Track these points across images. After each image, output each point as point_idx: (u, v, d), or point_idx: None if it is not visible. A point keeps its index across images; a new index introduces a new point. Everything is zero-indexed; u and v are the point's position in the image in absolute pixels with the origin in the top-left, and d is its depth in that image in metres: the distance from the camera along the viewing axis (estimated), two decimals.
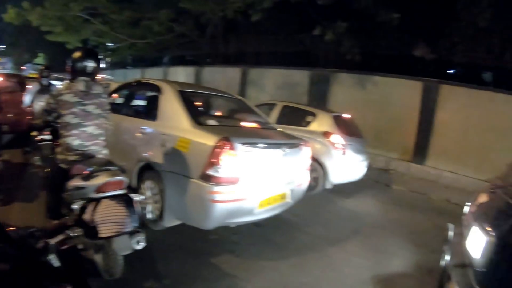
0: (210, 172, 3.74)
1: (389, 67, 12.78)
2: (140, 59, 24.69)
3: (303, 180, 5.11)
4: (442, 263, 3.59)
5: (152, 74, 21.05)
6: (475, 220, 3.32)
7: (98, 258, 3.14)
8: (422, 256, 5.09)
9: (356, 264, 4.54)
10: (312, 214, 6.11)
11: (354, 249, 4.99)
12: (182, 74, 18.56)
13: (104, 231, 2.83)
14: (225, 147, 3.76)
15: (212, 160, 3.74)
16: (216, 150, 3.74)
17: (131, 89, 6.13)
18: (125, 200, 3.03)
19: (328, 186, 7.30)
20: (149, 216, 4.44)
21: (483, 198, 3.81)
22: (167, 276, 3.54)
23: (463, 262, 3.30)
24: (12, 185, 5.70)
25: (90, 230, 2.86)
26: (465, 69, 14.40)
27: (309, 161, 5.28)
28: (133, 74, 24.68)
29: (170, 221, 4.34)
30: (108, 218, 2.88)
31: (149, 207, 4.44)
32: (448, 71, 16.45)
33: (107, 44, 20.59)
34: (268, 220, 4.87)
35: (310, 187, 7.06)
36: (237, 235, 4.71)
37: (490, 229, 2.93)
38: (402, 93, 11.02)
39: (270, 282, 3.75)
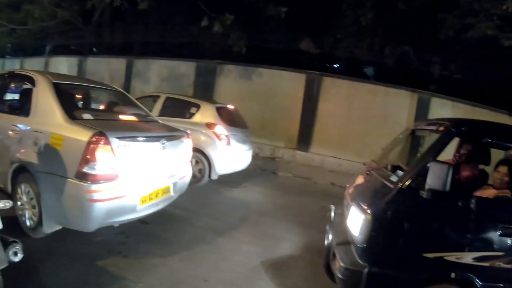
0: (86, 169, 3.46)
1: (275, 60, 13.24)
2: (20, 48, 22.40)
3: (185, 173, 5.02)
4: (326, 242, 3.74)
5: (33, 65, 19.22)
6: (353, 200, 3.51)
7: None
8: (310, 238, 5.34)
9: (246, 251, 4.62)
10: (199, 206, 6.08)
11: (243, 237, 5.08)
12: (65, 64, 17.23)
13: None
14: (100, 142, 3.51)
15: (87, 156, 3.46)
16: (90, 146, 3.47)
17: (3, 81, 5.45)
18: None
19: (214, 177, 7.32)
20: (27, 223, 4.03)
21: (360, 179, 4.04)
22: (53, 286, 3.27)
23: (346, 240, 3.48)
24: None
25: None
26: (348, 64, 15.39)
27: (191, 153, 5.22)
28: (12, 65, 22.49)
29: (50, 227, 3.94)
30: None
31: (27, 214, 4.02)
32: (332, 65, 17.52)
33: None
34: (155, 216, 4.73)
35: (196, 179, 7.10)
36: (123, 235, 4.50)
37: (367, 207, 3.11)
38: (287, 85, 11.52)
39: (161, 280, 3.65)
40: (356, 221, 3.20)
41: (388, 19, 11.85)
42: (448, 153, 4.12)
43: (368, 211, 3.07)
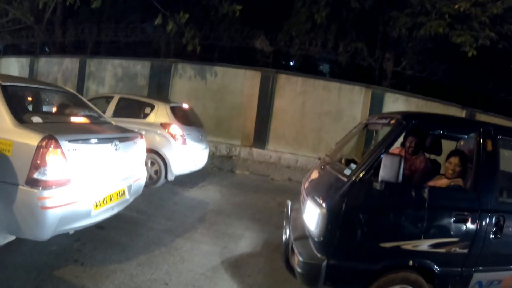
0: (36, 175, 3.32)
1: (230, 58, 13.26)
2: None
3: (140, 175, 4.94)
4: (284, 237, 3.79)
5: None
6: (309, 194, 3.57)
7: None
8: (269, 234, 5.41)
9: (206, 251, 4.62)
10: (156, 208, 6.01)
11: (202, 237, 5.07)
12: (16, 65, 16.46)
13: None
14: (50, 146, 3.37)
15: (37, 161, 3.32)
16: (40, 150, 3.33)
17: None
18: None
19: (171, 177, 7.23)
20: None
21: (315, 174, 4.11)
22: None
23: (303, 234, 3.54)
24: None
25: None
26: (303, 61, 15.63)
27: (145, 154, 5.16)
28: None
29: (3, 238, 3.68)
30: None
31: None
32: (287, 63, 17.74)
33: None
34: (111, 221, 4.60)
35: (152, 181, 7.01)
36: (79, 242, 4.37)
37: (322, 201, 3.17)
38: (242, 83, 11.58)
39: (120, 286, 3.59)
40: (312, 215, 3.25)
41: (342, 17, 12.12)
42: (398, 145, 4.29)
43: (323, 204, 3.13)
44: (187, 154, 7.38)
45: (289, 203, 4.11)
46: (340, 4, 11.47)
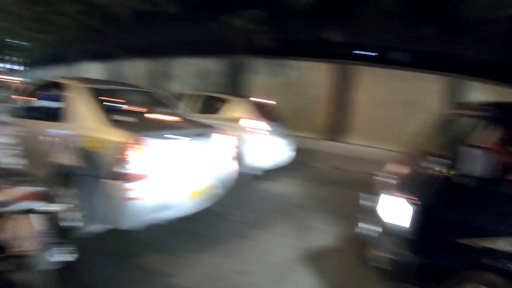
0: (124, 169, 3.59)
1: (304, 51, 13.09)
2: (54, 57, 23.23)
3: (230, 169, 5.07)
4: (362, 232, 3.72)
5: (63, 72, 19.95)
6: (390, 189, 3.46)
7: (21, 277, 2.86)
8: (347, 228, 5.31)
9: (284, 244, 4.65)
10: (237, 201, 6.06)
11: (280, 229, 5.10)
12: (95, 69, 17.78)
13: (19, 249, 2.61)
14: (137, 143, 3.62)
15: (126, 157, 3.58)
16: (129, 146, 3.59)
17: (40, 90, 5.62)
18: (42, 213, 2.80)
19: (252, 171, 7.30)
20: (71, 224, 4.19)
21: (399, 168, 3.96)
22: (97, 284, 3.38)
23: (383, 230, 3.45)
24: None
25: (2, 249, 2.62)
26: (378, 51, 15.02)
27: (235, 150, 5.27)
28: (44, 73, 23.25)
29: (93, 227, 4.06)
30: (22, 234, 2.65)
31: (71, 216, 4.19)
32: (361, 54, 17.18)
33: (15, 42, 19.10)
34: (195, 212, 4.79)
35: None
36: (164, 231, 4.58)
37: (404, 196, 3.06)
38: (318, 76, 11.43)
39: (201, 275, 3.71)
40: (394, 210, 3.16)
41: (416, 3, 11.50)
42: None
43: (406, 199, 3.03)
44: (267, 149, 7.44)
45: (368, 197, 4.02)
46: None
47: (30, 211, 2.84)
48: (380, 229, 3.51)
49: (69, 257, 2.76)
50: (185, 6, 13.01)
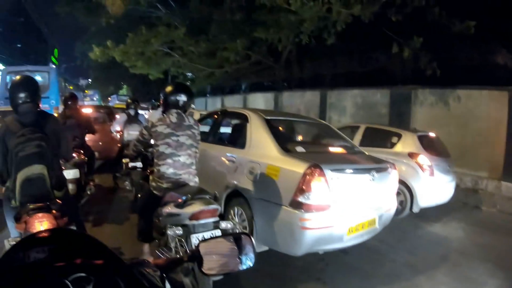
0: (301, 199, 3.77)
1: (470, 79, 12.13)
2: (218, 87, 25.52)
3: (391, 205, 4.96)
4: None
5: (230, 102, 21.77)
6: None
7: (187, 281, 3.15)
8: None
9: None
10: (399, 240, 5.86)
11: (443, 277, 4.71)
12: (261, 100, 19.00)
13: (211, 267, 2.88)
14: (315, 174, 3.78)
15: (302, 187, 3.77)
16: (306, 177, 3.77)
17: (217, 117, 6.32)
18: (235, 238, 3.06)
19: (416, 210, 6.97)
20: None
21: None
22: None
23: None
24: (103, 207, 6.19)
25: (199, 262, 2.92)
26: None
27: (397, 185, 5.14)
28: (213, 102, 25.69)
29: (258, 247, 4.33)
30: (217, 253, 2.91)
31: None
32: None
33: (186, 74, 21.58)
34: (354, 247, 4.76)
35: (397, 211, 6.85)
36: (324, 262, 4.65)
37: None
38: (487, 105, 10.30)
39: None
40: None
41: None
42: None
43: None
44: (434, 186, 7.04)
45: None
46: None
47: (216, 227, 3.16)
48: None
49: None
50: (347, 38, 13.24)
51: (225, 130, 6.85)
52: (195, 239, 3.03)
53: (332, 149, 5.03)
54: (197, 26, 16.49)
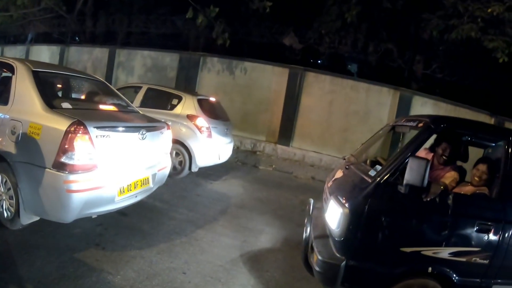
0: (64, 159, 3.41)
1: (259, 54, 13.20)
2: (1, 36, 21.94)
3: (165, 164, 4.98)
4: (305, 235, 3.76)
5: (14, 53, 18.86)
6: (332, 194, 3.54)
7: None
8: (289, 231, 5.40)
9: (225, 244, 4.64)
10: (178, 199, 6.04)
11: (222, 230, 5.09)
12: (47, 53, 16.93)
13: None
14: (78, 132, 3.46)
15: (65, 146, 3.41)
16: (68, 135, 3.42)
17: None
18: None
19: (194, 169, 7.30)
20: (4, 214, 3.94)
21: (339, 174, 4.07)
22: (30, 279, 3.20)
23: (324, 233, 3.52)
24: None
25: None
26: (331, 60, 15.43)
27: (171, 145, 5.20)
28: None
29: (27, 218, 3.87)
30: None
31: (4, 204, 3.94)
32: (315, 60, 17.57)
33: None
34: (134, 208, 4.70)
35: (176, 171, 7.08)
36: (101, 226, 4.45)
37: (345, 201, 3.14)
38: (270, 79, 11.54)
39: (139, 272, 3.63)
40: (334, 214, 3.22)
41: (373, 16, 11.91)
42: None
43: (346, 204, 3.10)
44: (212, 147, 7.41)
45: (312, 201, 4.07)
46: (371, 3, 11.24)
47: None
48: (322, 233, 3.58)
49: None
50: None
51: None
52: None
53: (103, 107, 4.71)
54: None
